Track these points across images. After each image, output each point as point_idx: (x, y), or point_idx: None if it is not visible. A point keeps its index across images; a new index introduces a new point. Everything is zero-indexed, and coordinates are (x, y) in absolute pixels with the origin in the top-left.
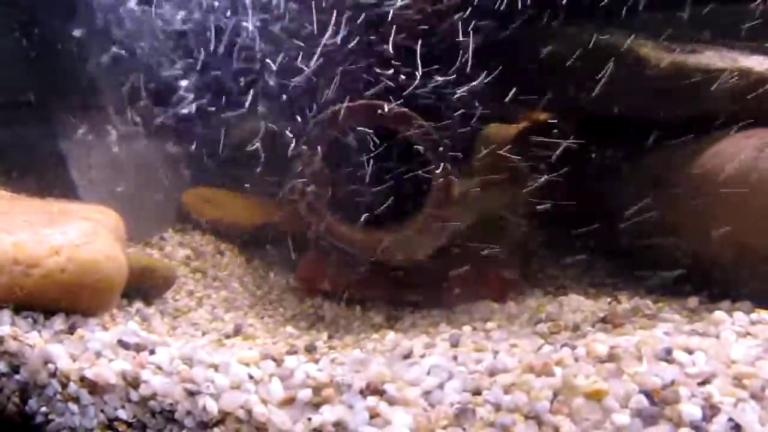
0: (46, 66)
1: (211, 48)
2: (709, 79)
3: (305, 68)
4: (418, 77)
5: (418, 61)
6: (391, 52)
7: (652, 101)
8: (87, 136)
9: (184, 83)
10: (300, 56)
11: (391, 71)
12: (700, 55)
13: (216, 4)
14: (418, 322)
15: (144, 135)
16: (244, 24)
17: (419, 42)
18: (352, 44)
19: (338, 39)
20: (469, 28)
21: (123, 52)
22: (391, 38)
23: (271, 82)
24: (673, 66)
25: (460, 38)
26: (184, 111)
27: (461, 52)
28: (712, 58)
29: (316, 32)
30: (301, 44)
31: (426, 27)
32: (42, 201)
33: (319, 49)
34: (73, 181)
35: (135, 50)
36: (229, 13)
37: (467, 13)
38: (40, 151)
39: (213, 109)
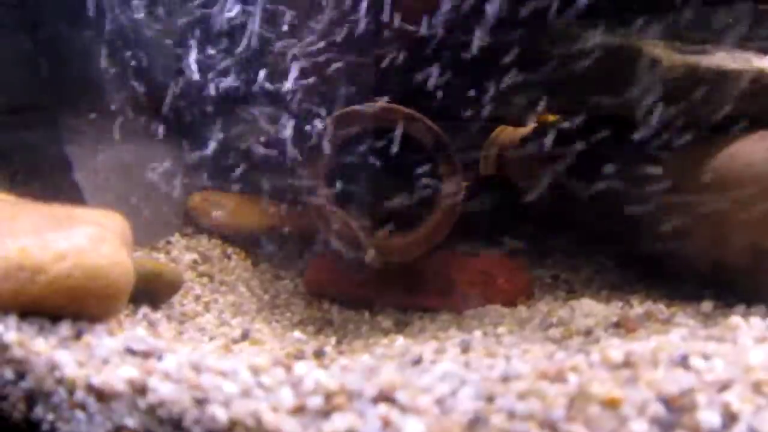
0: (52, 69)
1: (217, 50)
2: (722, 80)
3: (313, 71)
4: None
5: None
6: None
7: (665, 103)
8: (93, 140)
9: (190, 86)
10: (306, 58)
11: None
12: (713, 57)
13: (222, 7)
14: (428, 326)
15: (150, 138)
16: (250, 26)
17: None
18: (359, 45)
19: (342, 38)
20: (478, 28)
21: (129, 55)
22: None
23: (279, 85)
24: (686, 67)
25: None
26: (191, 114)
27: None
28: (725, 59)
29: (320, 34)
30: (307, 45)
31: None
32: (47, 206)
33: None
34: (79, 185)
35: (141, 54)
36: (233, 15)
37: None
38: (46, 154)
39: (221, 111)
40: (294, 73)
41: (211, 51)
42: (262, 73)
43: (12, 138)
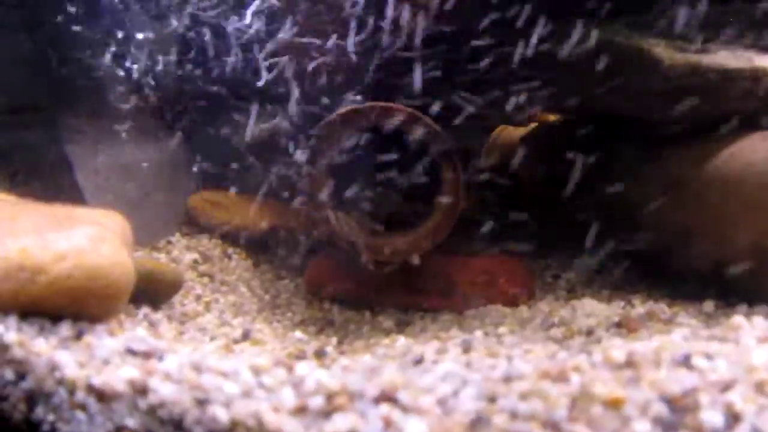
0: (52, 69)
1: (218, 49)
2: (724, 79)
3: (314, 69)
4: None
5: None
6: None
7: (667, 102)
8: (93, 140)
9: (191, 86)
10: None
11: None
12: (715, 55)
13: (223, 5)
14: (429, 326)
15: (150, 138)
16: (250, 24)
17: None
18: (359, 45)
19: (345, 39)
20: (478, 27)
21: (130, 54)
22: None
23: (279, 84)
24: (688, 66)
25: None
26: (192, 113)
27: (471, 51)
28: (727, 57)
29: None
30: (309, 46)
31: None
32: (48, 206)
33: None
34: (79, 185)
35: (142, 52)
36: (235, 13)
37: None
38: (46, 154)
39: (220, 111)
40: (295, 72)
41: (211, 50)
42: (263, 73)
43: (12, 138)
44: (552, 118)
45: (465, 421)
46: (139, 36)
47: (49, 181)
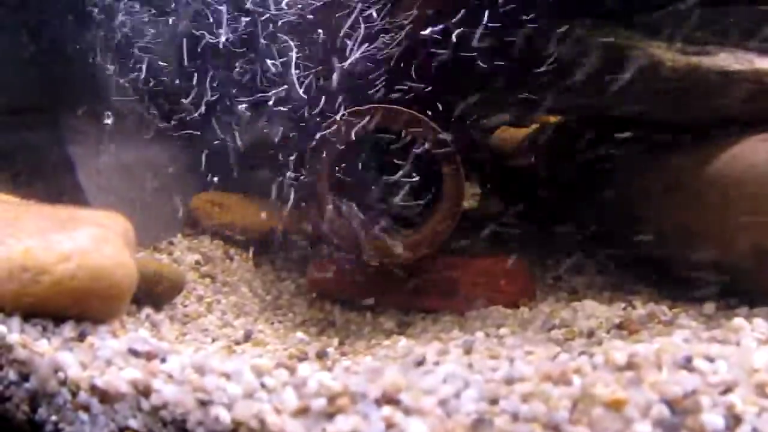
0: (55, 70)
1: (219, 51)
2: (725, 81)
3: (315, 72)
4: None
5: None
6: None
7: (667, 103)
8: (95, 141)
9: (192, 87)
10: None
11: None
12: (715, 57)
13: (224, 7)
14: (430, 327)
15: (152, 139)
16: (251, 26)
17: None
18: (362, 48)
19: (347, 41)
20: (479, 29)
21: (130, 55)
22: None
23: (283, 86)
24: (689, 68)
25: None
26: (193, 115)
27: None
28: (728, 59)
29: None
30: (311, 48)
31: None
32: (51, 207)
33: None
34: (82, 186)
35: (143, 54)
36: (236, 16)
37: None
38: (48, 155)
39: (222, 113)
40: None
41: (212, 51)
42: (264, 74)
43: (14, 139)
44: (553, 119)
45: (466, 423)
46: (141, 36)
47: (51, 182)
